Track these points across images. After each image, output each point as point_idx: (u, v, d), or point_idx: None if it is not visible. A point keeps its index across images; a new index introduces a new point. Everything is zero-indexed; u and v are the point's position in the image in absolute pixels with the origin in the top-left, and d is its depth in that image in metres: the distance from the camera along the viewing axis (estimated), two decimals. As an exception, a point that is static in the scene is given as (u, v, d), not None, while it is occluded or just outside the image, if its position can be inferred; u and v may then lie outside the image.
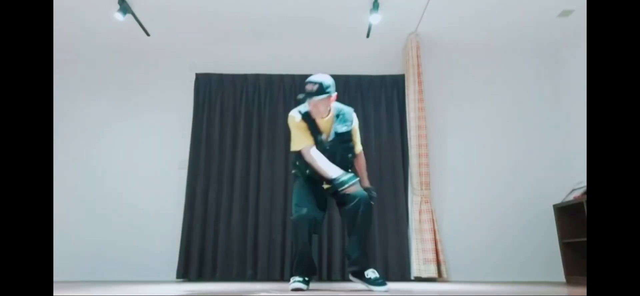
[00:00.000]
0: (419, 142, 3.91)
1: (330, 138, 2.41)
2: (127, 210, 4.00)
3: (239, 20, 4.00)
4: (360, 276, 2.30)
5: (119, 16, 3.69)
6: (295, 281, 2.23)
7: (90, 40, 4.29)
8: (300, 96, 2.33)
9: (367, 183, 2.64)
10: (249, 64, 4.36)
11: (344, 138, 2.44)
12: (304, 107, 2.42)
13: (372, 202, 2.35)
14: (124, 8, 3.66)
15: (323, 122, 2.42)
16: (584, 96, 3.89)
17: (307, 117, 2.39)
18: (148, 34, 4.19)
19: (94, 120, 4.23)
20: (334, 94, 2.38)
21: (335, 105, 2.47)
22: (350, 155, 2.51)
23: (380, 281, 2.23)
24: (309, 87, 2.30)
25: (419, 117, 3.96)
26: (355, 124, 2.52)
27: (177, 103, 4.28)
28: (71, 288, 2.33)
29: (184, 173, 4.04)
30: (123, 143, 4.18)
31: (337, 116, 2.46)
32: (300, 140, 2.40)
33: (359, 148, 2.63)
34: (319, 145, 2.39)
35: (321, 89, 2.29)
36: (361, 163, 2.68)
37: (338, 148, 2.42)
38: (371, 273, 2.26)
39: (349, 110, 2.51)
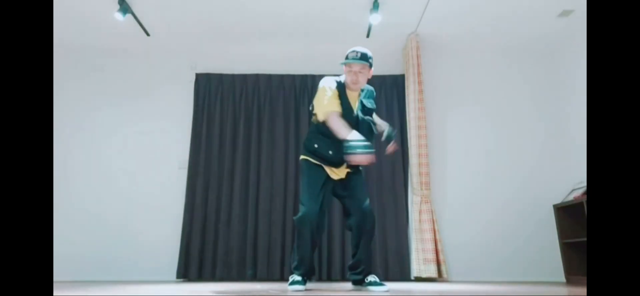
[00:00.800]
0: (419, 142, 3.91)
1: (356, 113, 2.42)
2: (126, 210, 4.00)
3: (239, 21, 4.00)
4: (360, 283, 2.40)
5: (119, 16, 3.69)
6: (294, 283, 2.25)
7: (90, 40, 4.29)
8: (343, 62, 2.35)
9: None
10: (249, 64, 4.36)
11: (369, 114, 2.47)
12: (339, 78, 2.42)
13: (393, 138, 2.40)
14: (124, 8, 3.66)
15: (352, 97, 2.41)
16: (584, 96, 3.89)
17: (341, 88, 2.38)
18: (148, 34, 4.19)
19: (94, 120, 4.23)
20: (371, 71, 2.39)
21: None
22: (372, 132, 2.47)
23: (379, 283, 2.31)
24: (352, 54, 2.33)
25: (419, 117, 3.96)
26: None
27: (177, 103, 4.28)
28: (71, 288, 2.33)
29: (184, 173, 4.04)
30: (123, 143, 4.17)
31: (362, 91, 2.48)
32: (331, 104, 2.30)
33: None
34: (349, 120, 2.33)
35: (365, 57, 2.32)
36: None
37: (364, 123, 2.42)
38: (371, 278, 2.34)
39: (371, 88, 2.55)
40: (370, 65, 2.35)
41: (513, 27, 4.10)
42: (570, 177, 3.97)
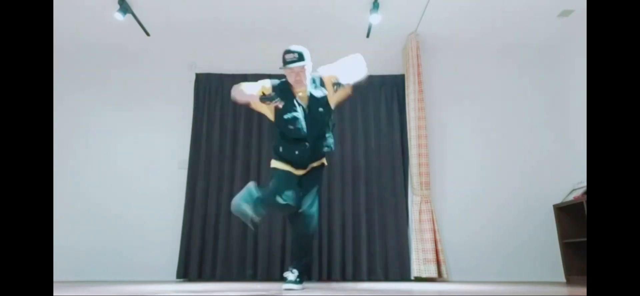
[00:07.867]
0: (419, 142, 3.91)
1: (308, 104, 2.47)
2: (127, 209, 4.00)
3: (239, 20, 4.00)
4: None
5: (119, 16, 3.69)
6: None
7: (90, 40, 4.29)
8: (282, 66, 2.40)
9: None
10: (249, 64, 4.35)
11: (321, 103, 2.47)
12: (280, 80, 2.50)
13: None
14: (124, 8, 3.66)
15: (301, 95, 2.47)
16: (583, 96, 3.89)
17: (282, 87, 2.45)
18: (148, 34, 4.19)
19: (93, 121, 4.23)
20: (311, 64, 2.47)
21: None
22: (328, 119, 2.52)
23: (292, 281, 2.40)
24: (289, 57, 2.38)
25: (419, 117, 3.96)
26: (325, 75, 2.49)
27: (177, 103, 4.27)
28: (71, 288, 2.33)
29: (184, 173, 4.04)
30: (122, 143, 4.17)
31: (313, 82, 2.52)
32: (247, 86, 2.46)
33: (336, 99, 2.60)
34: (299, 114, 2.41)
35: (302, 57, 2.38)
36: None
37: (317, 114, 2.45)
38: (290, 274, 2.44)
39: (317, 75, 2.53)
40: (306, 63, 2.40)
41: (513, 27, 4.09)
42: (570, 177, 3.97)
